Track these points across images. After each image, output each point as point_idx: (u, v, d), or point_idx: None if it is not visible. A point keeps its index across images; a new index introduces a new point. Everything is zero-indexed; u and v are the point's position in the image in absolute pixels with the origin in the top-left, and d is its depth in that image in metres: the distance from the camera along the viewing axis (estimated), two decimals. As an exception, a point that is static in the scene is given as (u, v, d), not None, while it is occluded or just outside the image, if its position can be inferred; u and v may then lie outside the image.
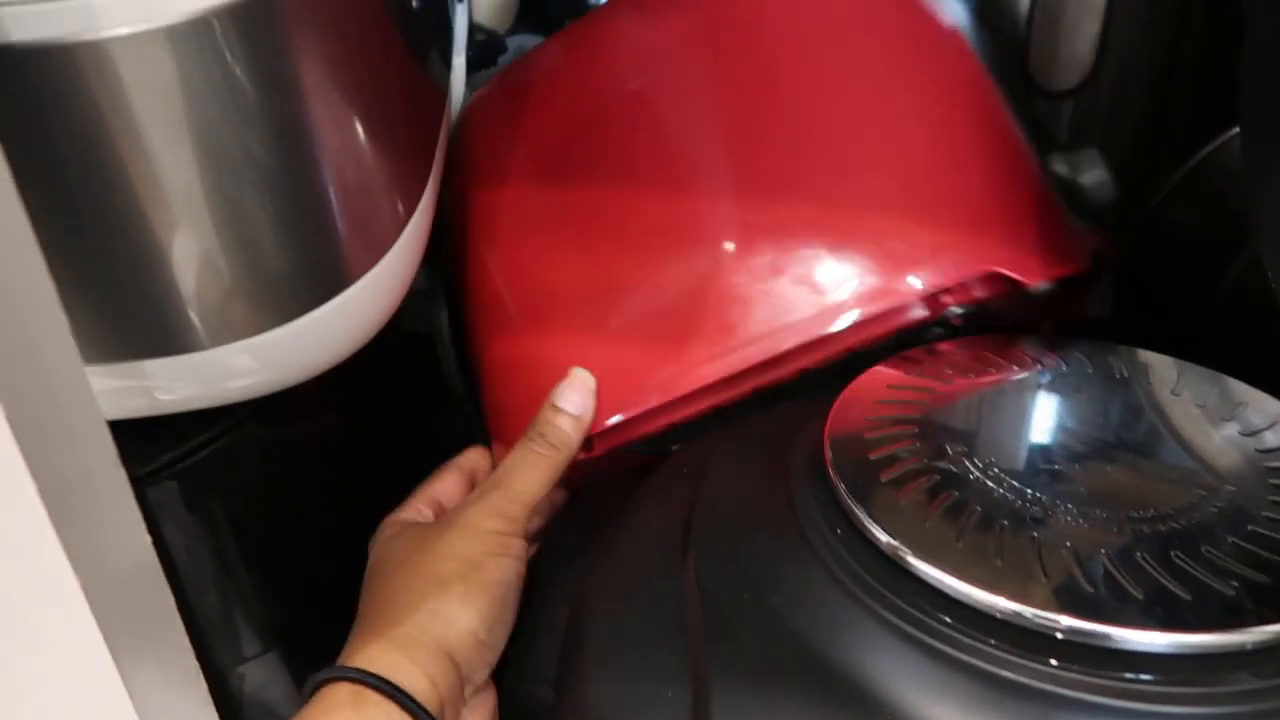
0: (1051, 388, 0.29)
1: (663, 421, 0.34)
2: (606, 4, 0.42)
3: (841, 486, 0.25)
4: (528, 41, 0.56)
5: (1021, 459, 0.26)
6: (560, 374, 0.34)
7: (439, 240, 0.37)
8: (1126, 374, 0.30)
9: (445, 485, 0.36)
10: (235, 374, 0.30)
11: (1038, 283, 0.31)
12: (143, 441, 0.34)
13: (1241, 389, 0.28)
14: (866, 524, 0.24)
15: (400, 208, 0.32)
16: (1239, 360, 0.29)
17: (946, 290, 0.32)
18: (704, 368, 0.33)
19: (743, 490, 0.29)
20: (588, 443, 0.34)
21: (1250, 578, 0.22)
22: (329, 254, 0.29)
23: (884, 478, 0.26)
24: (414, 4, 0.34)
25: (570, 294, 0.36)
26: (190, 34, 0.23)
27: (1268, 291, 0.24)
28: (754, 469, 0.30)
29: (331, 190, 0.28)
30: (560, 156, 0.38)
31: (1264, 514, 0.24)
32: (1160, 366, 0.30)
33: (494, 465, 0.38)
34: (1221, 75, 0.28)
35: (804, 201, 0.33)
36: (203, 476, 0.35)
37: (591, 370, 0.34)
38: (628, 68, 0.37)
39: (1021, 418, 0.29)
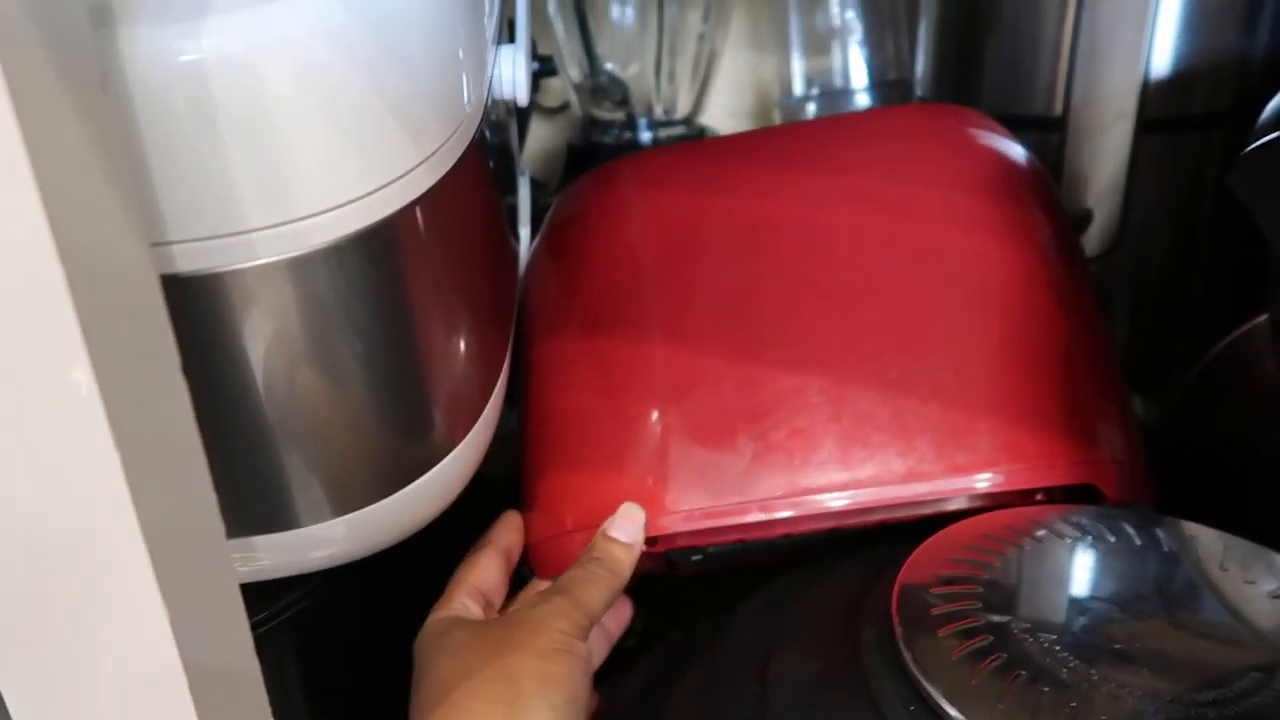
0: (1107, 558, 0.31)
1: (729, 538, 0.36)
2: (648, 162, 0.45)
3: (915, 671, 0.27)
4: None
5: (1085, 637, 0.28)
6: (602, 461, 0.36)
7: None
8: (1174, 547, 0.31)
9: (486, 573, 0.37)
10: (323, 545, 0.32)
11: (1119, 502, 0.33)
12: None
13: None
14: (944, 707, 0.26)
15: (487, 379, 0.35)
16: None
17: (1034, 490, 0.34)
18: (754, 513, 0.35)
19: (813, 664, 0.31)
20: (651, 540, 0.36)
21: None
22: (426, 434, 0.31)
23: (954, 655, 0.27)
24: (500, 191, 0.37)
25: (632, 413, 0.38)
26: (324, 258, 0.25)
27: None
28: (824, 638, 0.31)
29: (434, 375, 0.30)
30: (622, 296, 0.40)
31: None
32: (1206, 539, 0.31)
33: (528, 536, 0.39)
34: (1234, 268, 0.30)
35: (906, 369, 0.35)
36: (281, 639, 0.37)
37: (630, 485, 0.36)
38: (680, 226, 0.40)
39: (1078, 590, 0.30)
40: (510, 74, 0.36)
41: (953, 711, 0.26)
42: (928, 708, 0.26)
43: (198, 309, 0.25)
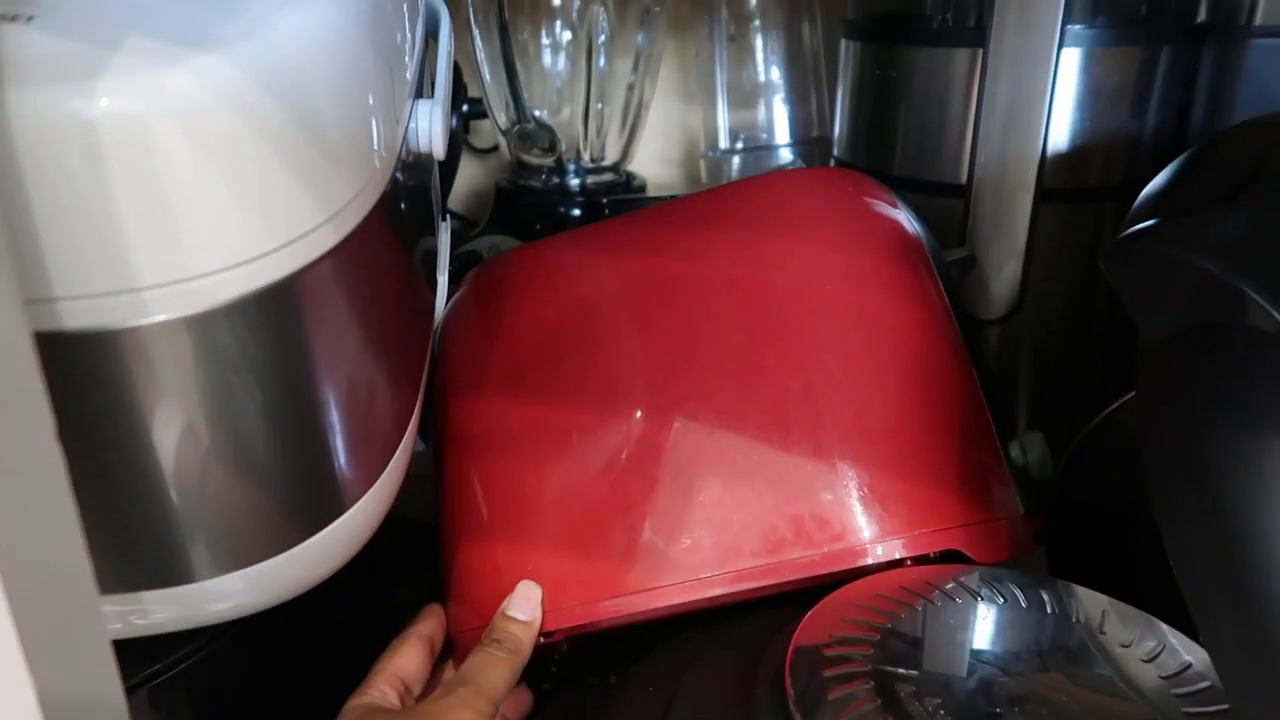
0: (994, 620, 0.32)
1: (621, 622, 0.36)
2: (581, 230, 0.46)
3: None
4: (501, 242, 0.60)
5: (968, 699, 0.29)
6: (517, 553, 0.37)
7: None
8: (1057, 609, 0.32)
9: (406, 660, 0.37)
10: (221, 599, 0.31)
11: (988, 563, 0.35)
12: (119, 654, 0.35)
13: (1162, 630, 0.31)
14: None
15: (394, 431, 0.35)
16: (1167, 597, 0.32)
17: (902, 560, 0.35)
18: (640, 597, 0.35)
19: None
20: (548, 634, 0.37)
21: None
22: (329, 488, 0.31)
23: (844, 717, 0.28)
24: (414, 241, 0.37)
25: (530, 501, 0.39)
26: (223, 316, 0.25)
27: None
28: (720, 701, 0.31)
29: (338, 430, 0.30)
30: (526, 372, 0.41)
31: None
32: (1088, 601, 0.33)
33: (449, 626, 0.40)
34: (1130, 331, 0.32)
35: (771, 448, 0.36)
36: (174, 691, 0.36)
37: (547, 572, 0.37)
38: (591, 292, 0.41)
39: (965, 652, 0.31)
40: (427, 128, 0.36)
41: None
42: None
43: (90, 365, 0.24)
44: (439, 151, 0.37)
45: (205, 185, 0.23)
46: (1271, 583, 0.24)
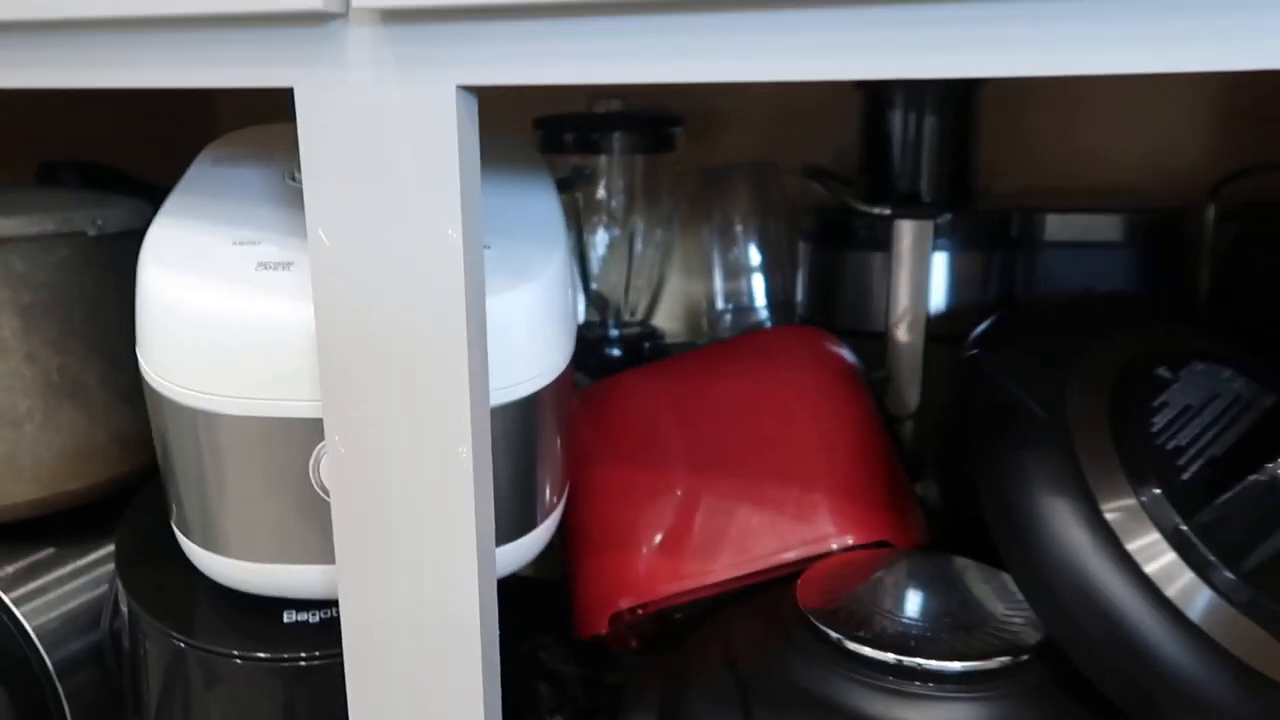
0: (923, 579, 0.57)
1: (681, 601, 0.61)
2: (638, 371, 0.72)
3: (815, 618, 0.52)
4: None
5: (908, 613, 0.54)
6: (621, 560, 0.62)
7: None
8: (955, 574, 0.58)
9: None
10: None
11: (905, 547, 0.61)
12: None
13: (1001, 576, 0.57)
14: (829, 634, 0.51)
15: (563, 480, 0.60)
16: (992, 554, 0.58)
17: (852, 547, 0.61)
18: (691, 579, 0.61)
19: (758, 625, 0.55)
20: (643, 606, 0.61)
21: (999, 641, 0.49)
22: (533, 503, 0.56)
23: (837, 615, 0.52)
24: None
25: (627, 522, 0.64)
26: (520, 404, 0.51)
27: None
28: (760, 624, 0.56)
29: (545, 472, 0.55)
30: (620, 451, 0.66)
31: (1003, 616, 0.51)
32: (971, 568, 0.58)
33: (575, 630, 0.63)
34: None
35: (772, 490, 0.62)
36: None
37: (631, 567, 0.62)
38: (654, 404, 0.68)
39: (904, 597, 0.56)
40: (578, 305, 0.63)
41: (834, 635, 0.51)
42: (825, 639, 0.52)
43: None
44: (580, 319, 0.63)
45: (525, 335, 0.49)
46: (1031, 559, 0.49)
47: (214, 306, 0.45)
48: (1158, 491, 0.48)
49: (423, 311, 0.41)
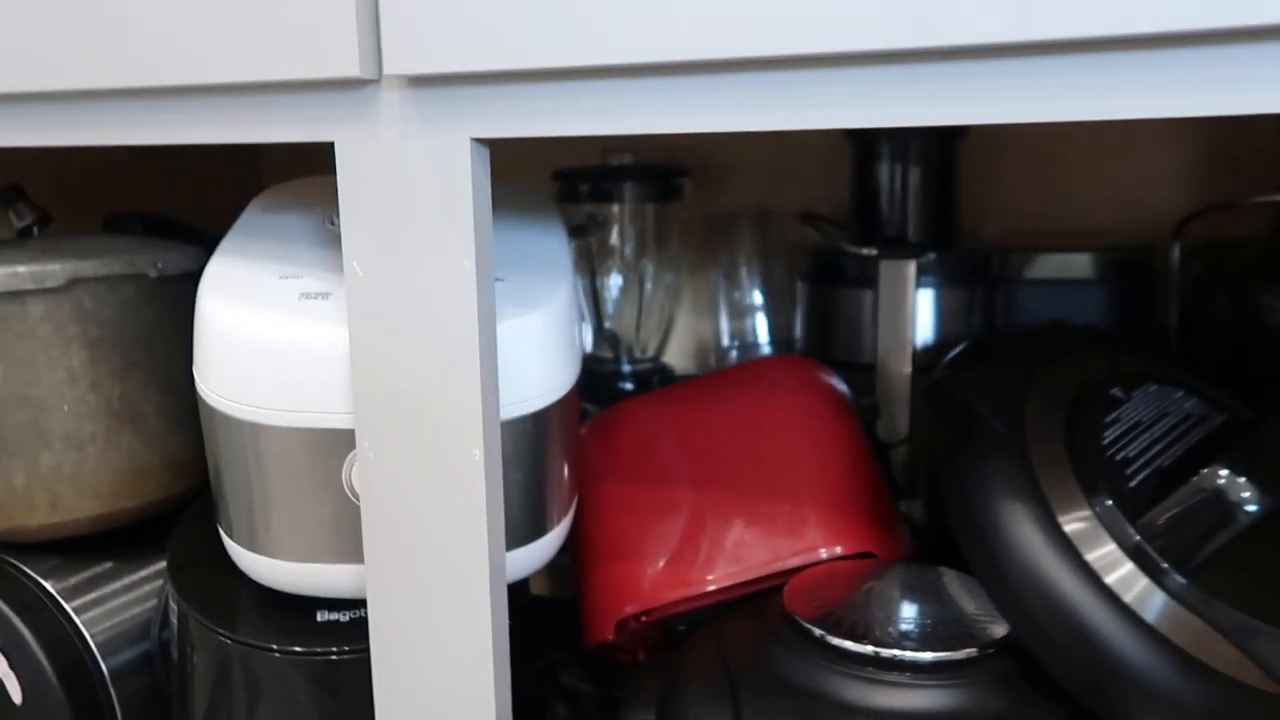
0: (906, 587, 0.62)
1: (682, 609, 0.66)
2: (646, 396, 0.78)
3: (799, 617, 0.57)
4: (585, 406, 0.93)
5: (887, 612, 0.58)
6: (626, 568, 0.67)
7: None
8: (936, 581, 0.62)
9: None
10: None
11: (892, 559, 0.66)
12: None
13: (974, 581, 0.61)
14: (812, 630, 0.56)
15: (571, 491, 0.65)
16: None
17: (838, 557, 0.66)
18: (695, 586, 0.65)
19: (747, 627, 0.60)
20: (648, 612, 0.66)
21: (968, 636, 0.54)
22: (543, 511, 0.61)
23: (821, 614, 0.57)
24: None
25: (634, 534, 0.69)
26: (527, 419, 0.57)
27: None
28: (750, 624, 0.61)
29: (554, 481, 0.61)
30: (627, 469, 0.72)
31: (973, 615, 0.56)
32: (949, 575, 0.63)
33: (584, 638, 0.68)
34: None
35: (767, 504, 0.67)
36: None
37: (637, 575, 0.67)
38: (659, 426, 0.73)
39: (884, 599, 0.61)
40: (583, 335, 0.69)
41: (817, 631, 0.56)
42: (808, 634, 0.56)
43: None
44: (588, 347, 0.70)
45: (532, 357, 0.55)
46: (992, 561, 0.54)
47: (262, 330, 0.52)
48: (1107, 500, 0.53)
49: (441, 331, 0.47)
